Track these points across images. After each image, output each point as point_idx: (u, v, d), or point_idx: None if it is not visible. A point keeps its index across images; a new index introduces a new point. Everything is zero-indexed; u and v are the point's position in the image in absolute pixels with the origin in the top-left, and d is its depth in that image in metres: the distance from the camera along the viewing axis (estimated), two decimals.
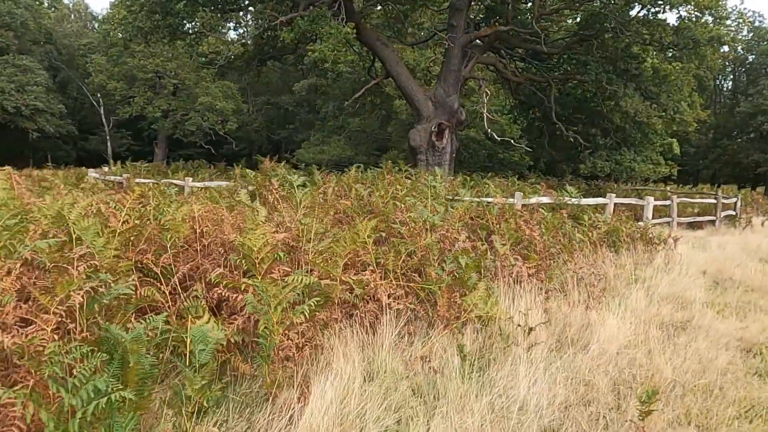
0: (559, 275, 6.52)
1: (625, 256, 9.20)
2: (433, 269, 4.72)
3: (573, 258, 7.31)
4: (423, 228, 5.67)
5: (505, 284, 5.45)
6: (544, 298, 5.45)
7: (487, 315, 4.46)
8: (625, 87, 17.61)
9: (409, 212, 5.93)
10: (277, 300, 2.99)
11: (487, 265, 5.91)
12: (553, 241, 7.36)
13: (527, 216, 7.95)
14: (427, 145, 20.14)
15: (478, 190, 11.75)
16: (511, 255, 6.28)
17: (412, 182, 9.32)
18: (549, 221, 8.01)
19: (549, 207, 11.10)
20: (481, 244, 6.42)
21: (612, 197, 11.99)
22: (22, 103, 36.71)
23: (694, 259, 9.74)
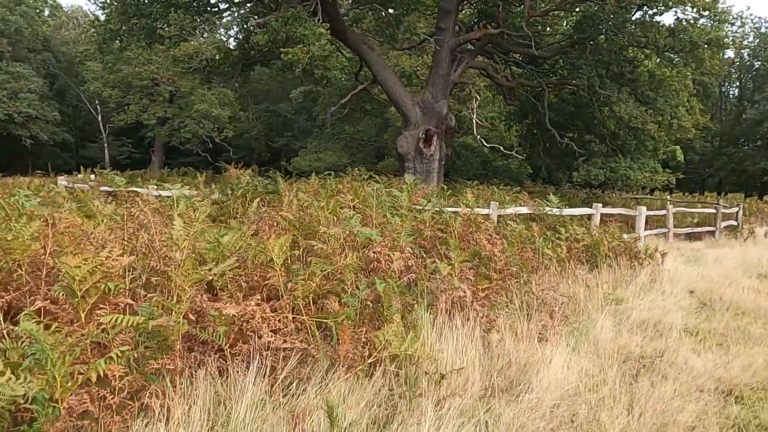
0: (520, 298, 5.71)
1: (605, 273, 8.39)
2: (345, 296, 3.95)
3: (539, 277, 6.50)
4: (351, 245, 4.91)
5: (444, 312, 4.65)
6: (487, 329, 4.65)
7: (404, 354, 3.67)
8: (619, 92, 16.81)
9: (337, 226, 5.16)
10: (58, 351, 2.24)
11: (433, 289, 5.12)
12: (517, 257, 6.56)
13: (493, 229, 7.15)
14: (414, 152, 19.40)
15: (455, 200, 10.96)
16: (465, 275, 5.49)
17: (373, 191, 8.55)
18: (516, 234, 7.21)
19: (528, 218, 10.32)
20: (432, 263, 5.63)
21: (598, 207, 11.18)
22: (14, 111, 36.33)
23: (683, 276, 8.89)
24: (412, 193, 9.88)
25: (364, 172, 13.69)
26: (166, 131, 44.98)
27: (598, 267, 8.58)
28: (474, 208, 9.50)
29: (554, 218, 10.09)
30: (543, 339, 4.66)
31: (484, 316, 4.69)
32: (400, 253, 5.26)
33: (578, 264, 8.16)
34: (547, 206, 10.10)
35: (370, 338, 3.65)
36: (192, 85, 44.46)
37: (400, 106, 19.60)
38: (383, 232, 5.66)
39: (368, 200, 7.15)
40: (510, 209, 9.72)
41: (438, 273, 5.34)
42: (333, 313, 3.65)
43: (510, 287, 6.00)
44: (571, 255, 8.15)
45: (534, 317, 5.42)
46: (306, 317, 3.73)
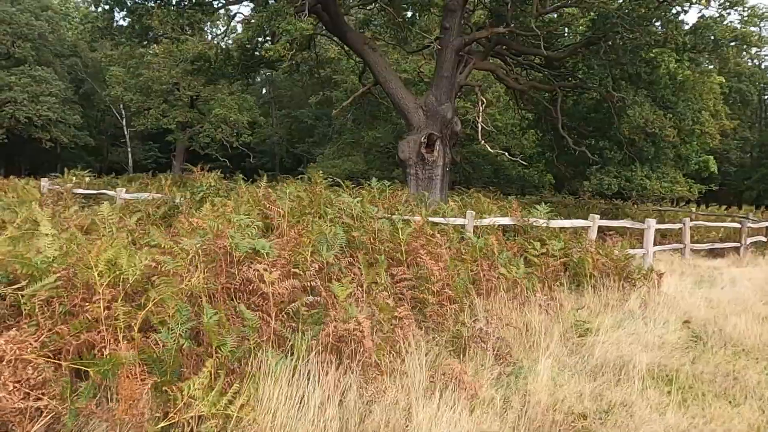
0: (450, 329, 4.66)
1: (589, 296, 7.22)
2: (162, 329, 2.99)
3: (492, 301, 5.43)
4: (219, 259, 3.95)
5: (324, 352, 3.64)
6: (372, 377, 3.61)
7: (219, 414, 2.69)
8: (635, 94, 15.48)
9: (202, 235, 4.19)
10: None
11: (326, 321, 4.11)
12: (465, 277, 5.50)
13: (445, 242, 6.10)
14: (416, 158, 18.36)
15: (434, 210, 9.90)
16: (382, 297, 4.47)
17: (326, 195, 7.59)
18: (473, 249, 6.14)
19: (512, 230, 9.20)
20: (341, 284, 4.62)
21: (595, 219, 9.95)
22: (34, 114, 36.63)
23: (684, 301, 7.66)
24: (380, 200, 8.89)
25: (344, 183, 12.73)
26: (186, 136, 45.05)
27: (580, 288, 7.42)
28: (448, 218, 8.47)
29: (541, 231, 8.94)
30: (443, 394, 3.58)
31: (370, 356, 3.65)
32: (302, 272, 4.28)
33: (556, 285, 7.02)
34: (533, 217, 8.96)
35: (173, 392, 2.69)
36: (211, 89, 44.54)
37: (402, 109, 18.61)
38: (288, 245, 4.68)
39: (321, 208, 6.23)
40: (487, 220, 8.61)
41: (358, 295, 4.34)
42: (108, 356, 2.69)
43: (447, 314, 4.94)
44: (546, 274, 7.02)
45: (467, 354, 4.36)
46: (66, 362, 2.78)
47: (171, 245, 3.85)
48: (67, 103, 42.04)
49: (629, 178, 16.43)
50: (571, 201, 26.18)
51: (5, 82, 36.48)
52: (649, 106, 15.23)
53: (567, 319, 5.96)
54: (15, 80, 36.88)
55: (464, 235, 8.21)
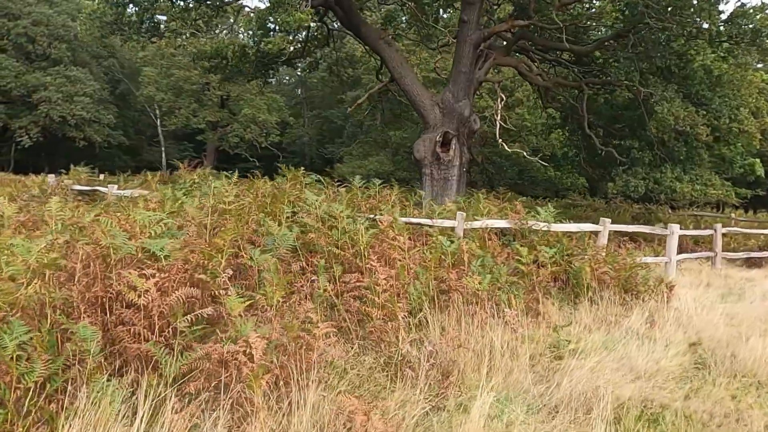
0: (385, 352, 3.93)
1: (584, 311, 6.35)
2: None
3: (448, 315, 4.67)
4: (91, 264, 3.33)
5: (192, 381, 2.96)
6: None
7: None
8: (664, 89, 14.31)
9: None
10: None
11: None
12: (422, 288, 4.75)
13: (404, 242, 5.36)
14: (431, 158, 17.58)
15: (427, 211, 9.13)
16: (308, 312, 3.78)
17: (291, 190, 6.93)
18: (440, 254, 5.39)
19: (509, 234, 8.36)
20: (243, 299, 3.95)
21: (606, 223, 8.99)
22: (68, 113, 37.34)
23: (699, 317, 6.70)
24: (363, 199, 8.20)
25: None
26: (216, 136, 45.39)
27: (576, 302, 6.55)
28: (435, 220, 7.71)
29: (542, 235, 8.07)
30: None
31: (244, 388, 2.95)
32: (210, 279, 3.63)
33: (545, 298, 6.18)
34: (531, 220, 8.09)
35: None
36: (241, 89, 44.73)
37: (418, 106, 17.86)
38: (198, 246, 4.03)
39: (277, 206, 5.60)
40: (478, 222, 7.79)
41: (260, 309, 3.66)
42: None
43: (390, 330, 4.21)
44: (535, 285, 6.18)
45: (397, 383, 3.63)
46: None
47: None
48: (102, 103, 42.74)
49: (658, 180, 15.26)
50: (602, 205, 24.91)
51: (41, 82, 37.28)
52: (680, 102, 14.06)
53: (545, 338, 5.14)
54: (50, 80, 37.65)
55: (451, 239, 7.44)
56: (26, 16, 38.06)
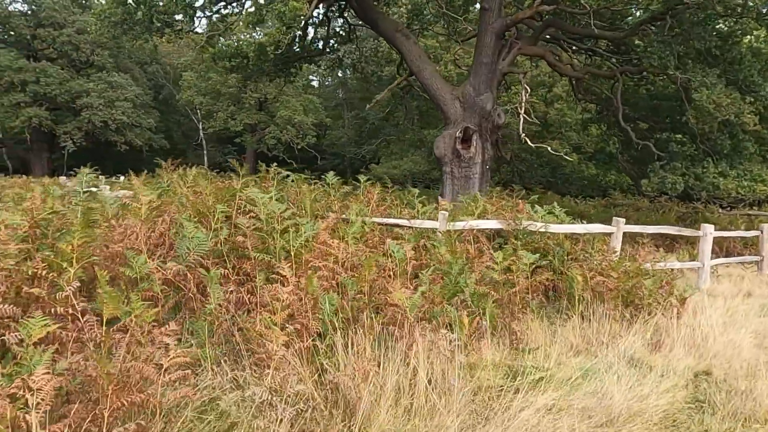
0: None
1: (575, 328, 5.35)
2: None
3: (366, 338, 3.81)
4: None
5: None
6: None
7: None
8: (704, 75, 12.87)
9: None
10: None
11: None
12: (326, 303, 3.92)
13: (338, 248, 4.52)
14: (452, 155, 16.62)
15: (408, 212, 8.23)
16: (163, 336, 3.01)
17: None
18: (372, 260, 4.52)
19: (501, 235, 7.37)
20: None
21: (620, 223, 7.83)
22: (109, 118, 38.19)
23: (721, 337, 5.57)
24: (336, 198, 7.40)
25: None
26: (255, 138, 45.64)
27: (568, 317, 5.56)
28: (414, 220, 6.84)
29: (539, 237, 7.05)
30: None
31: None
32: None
33: (522, 312, 5.22)
34: (525, 220, 7.07)
35: None
36: (277, 91, 44.76)
37: (438, 100, 16.94)
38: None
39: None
40: (460, 224, 6.83)
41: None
42: None
43: (286, 357, 3.39)
44: (512, 297, 5.23)
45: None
46: None
47: None
48: (143, 108, 43.57)
49: (699, 176, 13.81)
50: (645, 204, 23.23)
51: (84, 89, 38.22)
52: (723, 89, 12.60)
53: (506, 365, 4.19)
54: (93, 86, 38.55)
55: (430, 242, 6.54)
56: (70, 25, 39.14)
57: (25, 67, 37.22)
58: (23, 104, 36.81)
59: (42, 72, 37.25)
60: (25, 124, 36.74)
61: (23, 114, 36.48)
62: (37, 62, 38.48)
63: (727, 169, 13.99)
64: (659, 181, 14.04)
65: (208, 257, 4.73)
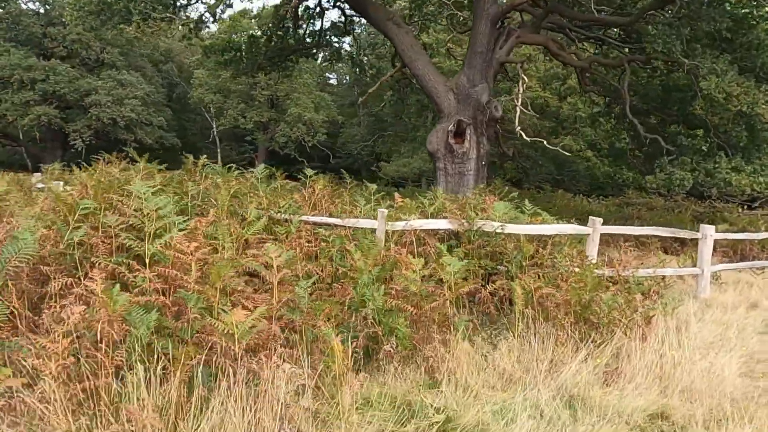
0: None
1: (511, 351, 4.38)
2: None
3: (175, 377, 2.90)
4: None
5: None
6: None
7: None
8: (714, 61, 11.65)
9: None
10: None
11: None
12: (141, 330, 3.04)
13: (192, 254, 3.63)
14: (444, 150, 15.63)
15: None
16: None
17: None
18: (225, 269, 3.62)
19: (454, 237, 6.40)
20: None
21: (596, 223, 6.77)
22: (118, 115, 38.03)
23: (700, 362, 4.54)
24: (267, 194, 6.53)
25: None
26: (267, 136, 45.16)
27: (506, 334, 4.59)
28: (348, 219, 5.93)
29: (496, 239, 6.06)
30: None
31: None
32: None
33: (443, 331, 4.27)
34: (481, 219, 6.08)
35: None
36: (289, 89, 44.21)
37: (431, 92, 15.95)
38: None
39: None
40: (400, 224, 5.87)
41: None
42: None
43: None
44: (430, 313, 4.28)
45: None
46: None
47: None
48: (154, 106, 43.34)
49: (710, 172, 12.59)
50: (660, 203, 21.89)
51: (93, 87, 38.08)
52: (734, 76, 11.39)
53: (392, 403, 3.25)
54: (102, 84, 38.40)
55: (364, 243, 5.61)
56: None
57: (35, 65, 37.22)
58: (32, 102, 36.81)
59: (51, 70, 37.21)
60: (35, 122, 36.72)
61: (32, 112, 36.46)
62: (48, 61, 38.46)
63: (742, 164, 12.74)
64: (666, 177, 12.86)
65: (51, 263, 3.90)
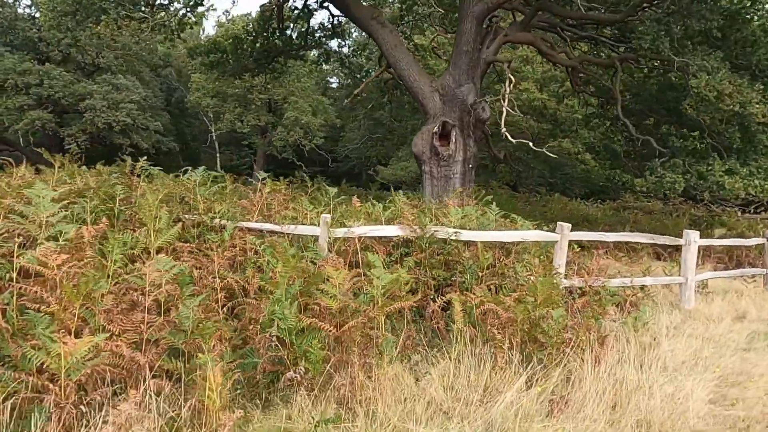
0: None
1: (444, 376, 3.87)
2: None
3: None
4: None
5: None
6: None
7: None
8: (704, 58, 11.11)
9: None
10: None
11: None
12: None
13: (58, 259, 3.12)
14: (430, 153, 15.14)
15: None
16: None
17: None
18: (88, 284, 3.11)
19: (407, 245, 5.88)
20: None
21: (565, 229, 6.22)
22: (113, 120, 37.74)
23: (649, 392, 4.02)
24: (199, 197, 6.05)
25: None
26: (266, 140, 44.82)
27: (445, 355, 4.07)
28: (286, 225, 5.43)
29: (451, 247, 5.55)
30: None
31: None
32: None
33: (365, 354, 3.77)
34: (434, 225, 5.57)
35: None
36: (286, 92, 43.89)
37: (417, 93, 15.48)
38: None
39: None
40: (341, 230, 5.35)
41: None
42: None
43: None
44: (342, 336, 3.79)
45: None
46: None
47: None
48: (151, 110, 43.04)
49: (703, 174, 12.03)
50: (658, 207, 21.32)
51: (88, 91, 37.80)
52: (726, 74, 10.84)
53: None
54: (97, 88, 38.13)
55: (304, 253, 5.13)
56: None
57: (30, 69, 36.99)
58: (26, 107, 36.56)
59: (46, 74, 36.97)
60: (29, 127, 36.47)
61: (27, 117, 36.19)
62: (43, 65, 38.21)
63: (736, 166, 12.17)
64: (656, 180, 12.32)
65: None
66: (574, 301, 5.75)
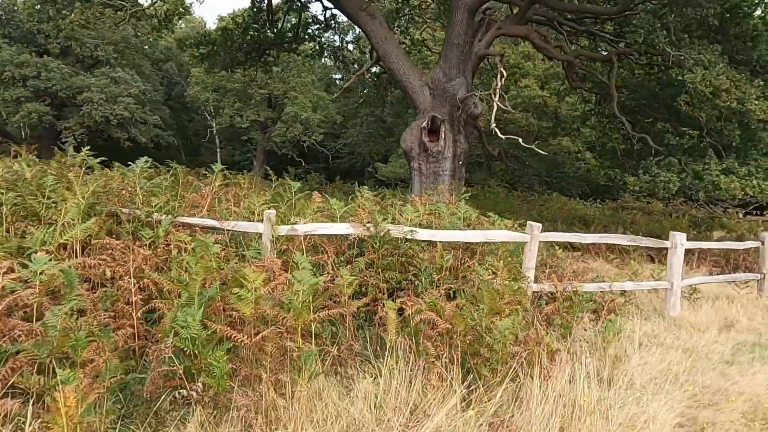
0: None
1: (369, 396, 3.42)
2: None
3: None
4: None
5: None
6: None
7: None
8: (700, 52, 10.59)
9: None
10: None
11: None
12: None
13: None
14: (418, 149, 14.68)
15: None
16: None
17: None
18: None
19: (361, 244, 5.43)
20: None
21: (535, 229, 5.76)
22: (110, 113, 37.43)
23: (607, 414, 3.56)
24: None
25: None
26: (266, 136, 44.45)
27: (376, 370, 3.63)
28: (227, 222, 5.00)
29: (405, 247, 5.10)
30: None
31: None
32: None
33: (278, 370, 3.32)
34: (390, 223, 5.12)
35: None
36: (287, 87, 43.48)
37: (406, 87, 15.01)
38: None
39: None
40: (284, 228, 4.91)
41: None
42: None
43: None
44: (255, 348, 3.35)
45: None
46: None
47: None
48: (150, 104, 42.72)
49: (699, 174, 11.52)
50: (658, 208, 20.77)
51: (85, 84, 37.49)
52: (724, 68, 10.32)
53: None
54: (95, 81, 37.82)
55: (244, 252, 4.70)
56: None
57: (27, 61, 36.69)
58: (23, 99, 36.29)
59: (43, 67, 36.68)
60: (25, 119, 36.23)
61: (23, 109, 35.93)
62: (41, 57, 37.92)
63: (735, 166, 11.64)
64: (650, 179, 11.81)
65: None
66: (541, 307, 5.29)
